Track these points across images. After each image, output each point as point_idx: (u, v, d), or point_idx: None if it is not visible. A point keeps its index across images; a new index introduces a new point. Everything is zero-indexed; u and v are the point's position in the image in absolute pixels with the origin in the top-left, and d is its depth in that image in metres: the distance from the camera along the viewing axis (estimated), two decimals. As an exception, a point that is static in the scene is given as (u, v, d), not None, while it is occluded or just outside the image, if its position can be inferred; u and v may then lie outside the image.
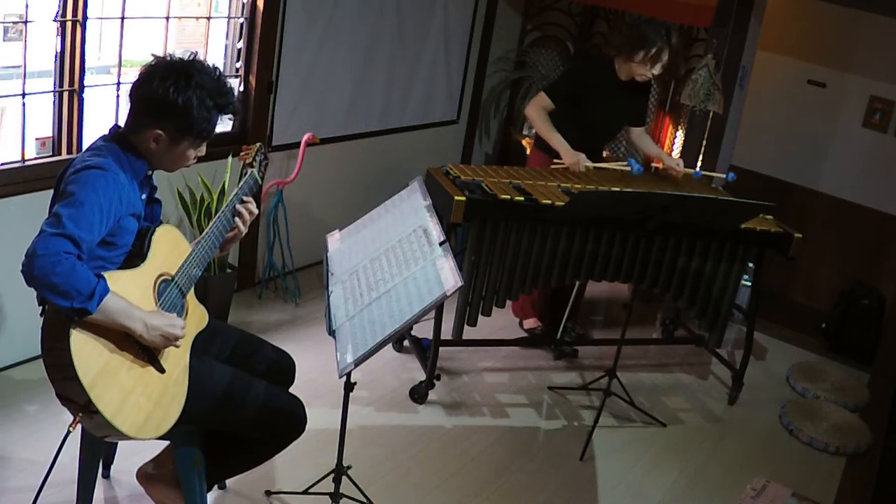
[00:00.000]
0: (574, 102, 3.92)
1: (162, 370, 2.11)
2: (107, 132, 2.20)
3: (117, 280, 2.01)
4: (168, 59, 2.16)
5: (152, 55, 2.18)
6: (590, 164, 3.89)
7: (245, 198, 2.42)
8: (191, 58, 2.17)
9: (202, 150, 2.27)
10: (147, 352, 2.08)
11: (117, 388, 1.97)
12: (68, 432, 2.02)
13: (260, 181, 2.49)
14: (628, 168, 3.97)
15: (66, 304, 1.86)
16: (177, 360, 2.19)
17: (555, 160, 3.98)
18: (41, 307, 2.15)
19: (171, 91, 2.09)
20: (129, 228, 2.12)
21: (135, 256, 2.13)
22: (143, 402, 2.05)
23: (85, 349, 1.93)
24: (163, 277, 2.17)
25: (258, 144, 2.53)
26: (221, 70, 2.23)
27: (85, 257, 1.93)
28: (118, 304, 1.96)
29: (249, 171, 2.48)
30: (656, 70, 3.82)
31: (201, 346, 2.35)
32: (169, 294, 2.18)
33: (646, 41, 3.76)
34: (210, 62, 2.21)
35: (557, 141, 3.91)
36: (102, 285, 1.92)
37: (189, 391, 2.20)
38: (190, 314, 2.29)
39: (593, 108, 3.94)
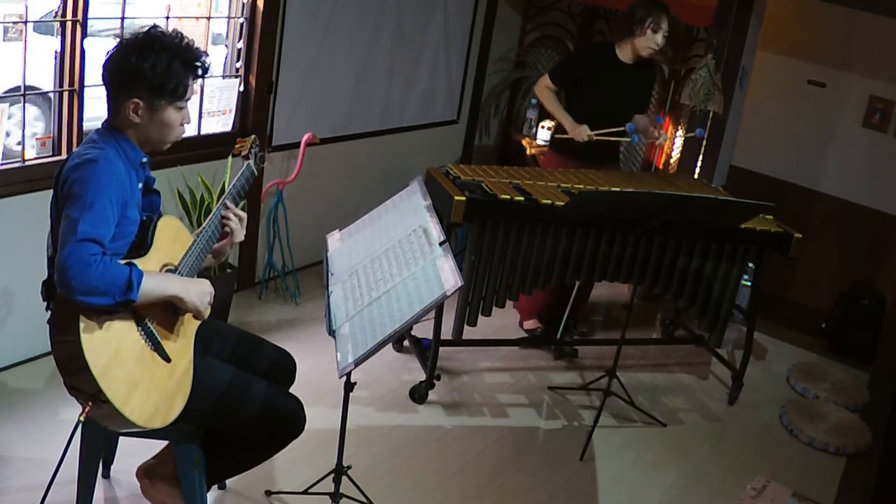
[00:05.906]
0: (576, 86, 4.02)
1: (168, 359, 2.15)
2: (100, 126, 2.21)
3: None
4: (129, 36, 2.19)
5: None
6: (591, 133, 3.95)
7: (229, 204, 2.39)
8: (150, 29, 2.19)
9: (188, 117, 2.26)
10: (152, 340, 2.11)
11: (126, 378, 2.01)
12: (79, 422, 2.04)
13: (256, 172, 2.52)
14: (628, 139, 4.00)
15: (108, 302, 1.93)
16: (181, 350, 2.21)
17: (557, 135, 4.09)
18: (46, 303, 2.15)
19: (134, 59, 2.12)
20: (132, 218, 2.15)
21: (138, 247, 2.16)
22: (151, 392, 2.08)
23: (94, 340, 1.96)
24: (167, 267, 2.21)
25: (252, 137, 2.56)
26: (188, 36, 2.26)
27: (109, 252, 1.98)
28: (153, 281, 2.05)
29: (245, 163, 2.51)
30: (659, 39, 3.87)
31: (202, 345, 2.35)
32: None
33: (643, 14, 3.85)
34: (171, 28, 2.21)
35: (562, 115, 4.03)
36: (136, 272, 1.99)
37: (191, 388, 2.21)
38: None
39: (595, 90, 4.00)
